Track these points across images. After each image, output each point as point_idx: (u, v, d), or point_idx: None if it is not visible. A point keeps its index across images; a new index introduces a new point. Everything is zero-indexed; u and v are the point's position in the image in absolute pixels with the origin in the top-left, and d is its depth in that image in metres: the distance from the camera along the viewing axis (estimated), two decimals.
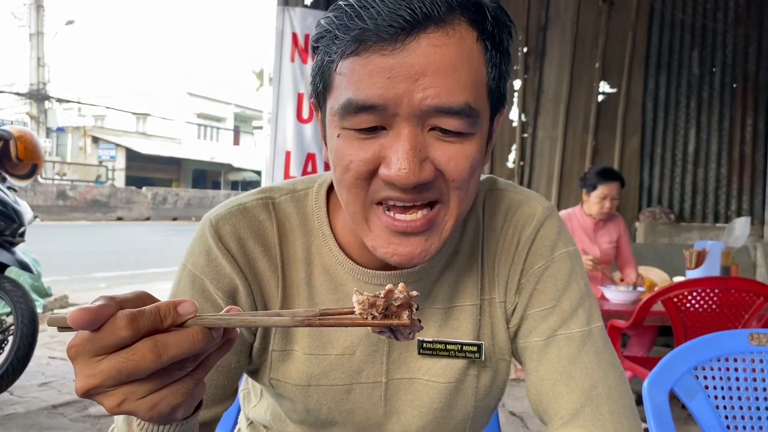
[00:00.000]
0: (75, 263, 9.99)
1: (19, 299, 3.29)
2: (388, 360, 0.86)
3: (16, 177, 3.65)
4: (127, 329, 0.49)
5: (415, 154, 0.67)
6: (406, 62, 0.65)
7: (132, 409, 0.51)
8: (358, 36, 0.66)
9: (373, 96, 0.66)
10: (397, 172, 0.66)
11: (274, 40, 4.34)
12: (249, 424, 1.05)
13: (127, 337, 0.49)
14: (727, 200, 5.83)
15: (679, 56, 5.84)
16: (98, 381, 0.49)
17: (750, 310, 2.81)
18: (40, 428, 3.11)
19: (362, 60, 0.66)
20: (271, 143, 4.37)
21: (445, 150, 0.69)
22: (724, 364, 1.25)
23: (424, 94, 0.65)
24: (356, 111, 0.67)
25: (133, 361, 0.49)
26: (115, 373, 0.49)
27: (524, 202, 0.88)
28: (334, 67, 0.69)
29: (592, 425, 0.80)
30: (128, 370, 0.49)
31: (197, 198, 27.52)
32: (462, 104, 0.67)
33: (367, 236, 0.74)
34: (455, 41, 0.67)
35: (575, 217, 3.80)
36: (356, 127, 0.68)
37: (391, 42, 0.65)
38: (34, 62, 23.27)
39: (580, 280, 0.86)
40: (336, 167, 0.72)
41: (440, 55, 0.66)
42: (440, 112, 0.67)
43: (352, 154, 0.69)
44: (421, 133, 0.68)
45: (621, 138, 5.77)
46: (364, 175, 0.70)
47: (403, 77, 0.65)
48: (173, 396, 0.52)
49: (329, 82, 0.71)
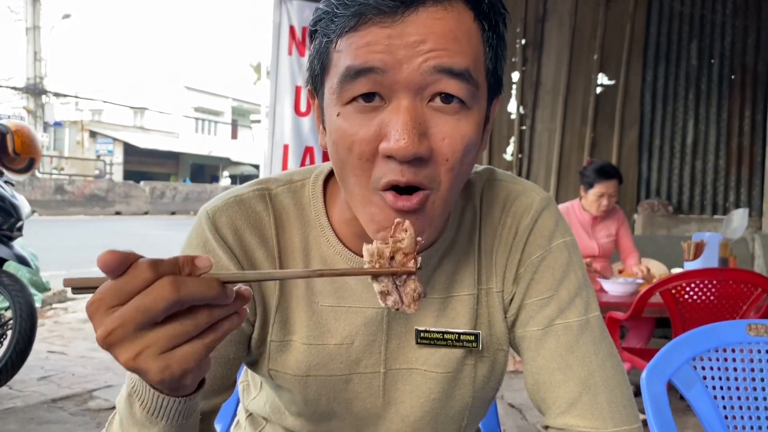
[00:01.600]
0: (73, 258, 9.98)
1: (18, 293, 3.29)
2: (386, 350, 0.86)
3: (13, 171, 3.64)
4: (149, 271, 0.51)
5: (414, 126, 0.67)
6: (406, 32, 0.66)
7: (146, 366, 0.52)
8: (358, 11, 0.66)
9: (372, 59, 0.67)
10: (396, 144, 0.66)
11: (271, 33, 4.33)
12: (248, 416, 1.05)
13: (149, 278, 0.51)
14: (726, 192, 5.84)
15: (677, 48, 5.84)
16: (118, 323, 0.51)
17: (748, 301, 2.82)
18: (40, 422, 3.12)
19: (361, 34, 0.67)
20: (269, 137, 4.36)
21: (442, 125, 0.69)
22: (722, 354, 1.25)
23: (426, 56, 0.66)
24: (355, 75, 0.67)
25: (152, 296, 0.50)
26: (134, 312, 0.51)
27: (522, 193, 0.88)
28: (332, 47, 0.69)
29: (589, 414, 0.80)
30: (147, 305, 0.50)
31: (195, 192, 27.50)
32: (463, 67, 0.68)
33: (371, 220, 0.73)
34: (454, 15, 0.68)
35: (573, 212, 3.79)
36: (355, 93, 0.68)
37: (391, 15, 0.66)
38: (31, 56, 23.16)
39: (577, 270, 0.86)
40: (338, 148, 0.72)
41: (440, 26, 0.67)
42: (442, 72, 0.67)
43: (354, 133, 0.69)
44: (420, 105, 0.68)
45: (619, 130, 5.77)
46: (367, 155, 0.70)
47: (403, 45, 0.66)
48: (186, 358, 0.53)
49: (327, 63, 0.71)
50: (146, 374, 0.53)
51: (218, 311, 0.54)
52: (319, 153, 4.36)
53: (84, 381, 3.80)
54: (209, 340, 0.54)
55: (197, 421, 0.68)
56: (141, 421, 0.63)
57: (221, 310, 0.55)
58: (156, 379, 0.53)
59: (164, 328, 0.52)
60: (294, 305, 0.84)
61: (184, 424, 0.64)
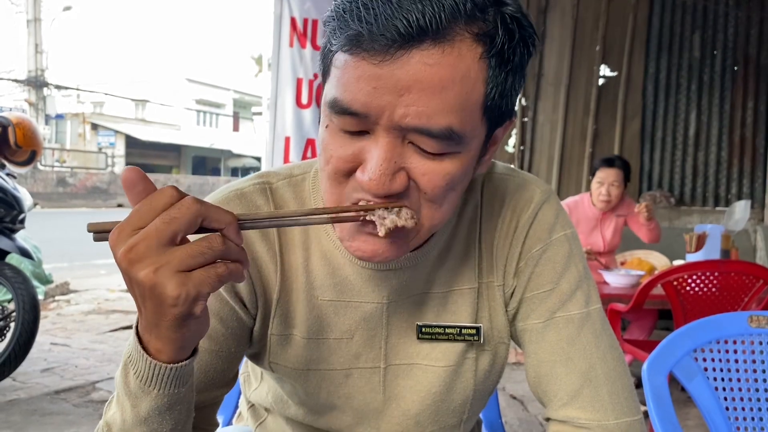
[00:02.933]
0: (75, 250, 10.00)
1: (20, 286, 3.29)
2: (386, 345, 0.86)
3: (15, 164, 3.64)
4: (174, 191, 0.56)
5: (388, 165, 0.65)
6: (394, 75, 0.62)
7: (164, 280, 0.55)
8: (352, 38, 0.63)
9: (356, 103, 0.65)
10: (368, 181, 0.66)
11: (272, 24, 4.32)
12: (250, 407, 1.05)
13: (175, 196, 0.56)
14: (728, 184, 5.83)
15: (680, 39, 5.81)
16: (141, 237, 0.55)
17: (750, 293, 2.81)
18: (43, 413, 3.13)
19: (353, 62, 0.64)
20: (271, 129, 4.35)
21: (422, 164, 0.67)
22: (723, 346, 1.26)
23: (406, 110, 0.63)
24: (340, 113, 0.66)
25: (178, 209, 0.55)
26: (159, 225, 0.55)
27: (522, 186, 0.88)
28: (332, 58, 0.68)
29: (590, 406, 0.80)
30: (173, 217, 0.55)
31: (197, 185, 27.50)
32: (442, 128, 0.64)
33: (337, 227, 0.75)
34: (450, 60, 0.63)
35: (582, 205, 3.78)
36: (341, 127, 0.68)
37: (381, 53, 0.62)
38: (32, 49, 23.12)
39: (578, 262, 0.86)
40: (320, 155, 0.73)
41: (429, 74, 0.62)
42: (418, 132, 0.65)
43: (334, 150, 0.69)
44: (399, 144, 0.66)
45: (621, 121, 5.76)
46: (343, 172, 0.70)
47: (389, 90, 0.63)
48: (201, 280, 0.56)
49: (328, 71, 0.70)
50: (163, 288, 0.55)
51: (231, 244, 0.58)
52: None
53: (87, 373, 3.82)
54: (221, 270, 0.57)
55: (191, 396, 0.68)
56: (134, 391, 0.64)
57: (233, 246, 0.58)
58: (173, 293, 0.55)
59: (183, 247, 0.55)
60: (294, 299, 0.85)
61: (175, 394, 0.64)
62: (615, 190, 3.63)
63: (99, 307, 5.76)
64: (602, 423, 0.80)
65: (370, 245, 0.71)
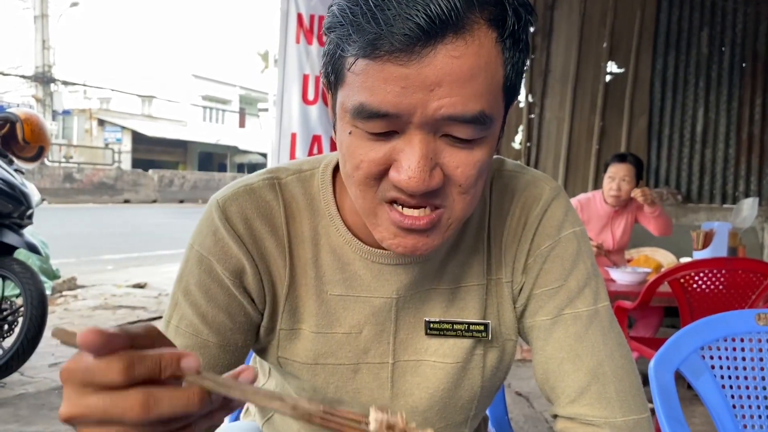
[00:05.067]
0: (83, 245, 10.04)
1: (28, 281, 3.31)
2: (394, 340, 0.86)
3: (23, 159, 3.66)
4: (122, 375, 0.46)
5: (426, 162, 0.66)
6: (422, 73, 0.62)
7: None
8: (372, 41, 0.62)
9: (386, 104, 0.64)
10: (407, 180, 0.66)
11: (278, 20, 4.31)
12: None
13: (119, 382, 0.46)
14: (735, 181, 5.80)
15: (687, 35, 5.78)
16: (81, 412, 0.47)
17: (757, 291, 2.80)
18: (51, 408, 3.15)
19: (377, 65, 0.63)
20: (277, 125, 4.36)
21: (455, 156, 0.68)
22: (730, 344, 1.25)
23: (439, 103, 0.64)
24: (369, 117, 0.65)
25: (121, 408, 0.46)
26: (100, 413, 0.47)
27: (532, 183, 0.88)
28: (346, 64, 0.67)
29: (598, 403, 0.81)
30: (113, 415, 0.46)
31: (203, 180, 27.56)
32: (476, 113, 0.65)
33: (375, 229, 0.75)
34: (473, 49, 0.63)
35: (593, 202, 3.77)
36: (368, 131, 0.67)
37: (406, 52, 0.62)
38: (39, 45, 23.18)
39: (587, 259, 0.86)
40: (346, 162, 0.72)
41: (457, 66, 0.63)
42: (454, 121, 0.65)
43: (363, 154, 0.69)
44: (433, 140, 0.67)
45: (629, 118, 5.74)
46: (375, 175, 0.69)
47: (418, 87, 0.63)
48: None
49: (341, 77, 0.68)
50: None
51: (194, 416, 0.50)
52: (327, 141, 4.35)
53: None
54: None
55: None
56: None
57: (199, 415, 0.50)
58: None
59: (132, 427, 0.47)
60: (303, 294, 0.85)
61: None
62: (625, 185, 3.62)
63: (106, 303, 5.79)
64: (610, 420, 0.80)
65: (411, 240, 0.72)
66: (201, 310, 0.82)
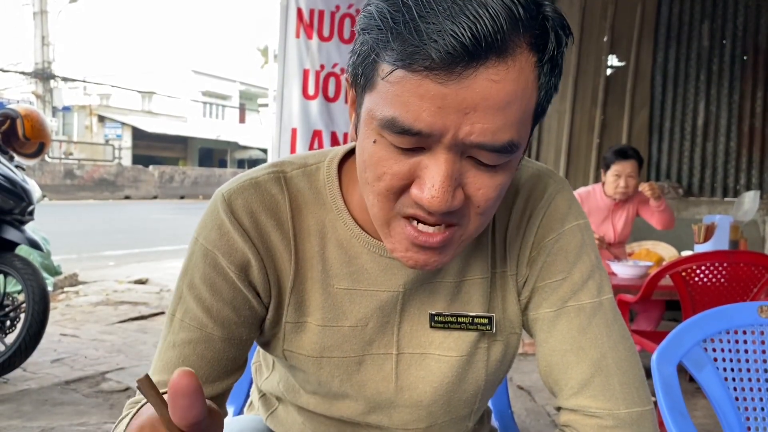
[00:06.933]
0: (84, 242, 10.06)
1: (30, 277, 3.32)
2: (398, 331, 0.86)
3: (23, 156, 3.66)
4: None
5: (450, 183, 0.65)
6: (460, 94, 0.60)
7: None
8: (412, 54, 0.60)
9: (420, 122, 0.62)
10: (429, 198, 0.65)
11: (278, 15, 4.30)
12: (261, 396, 1.06)
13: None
14: (737, 174, 5.80)
15: (688, 28, 5.77)
16: None
17: (759, 284, 2.80)
18: (54, 404, 3.16)
19: (414, 80, 0.61)
20: (277, 121, 4.35)
21: (478, 178, 0.68)
22: (733, 336, 1.25)
23: (471, 129, 0.62)
24: (400, 132, 0.64)
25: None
26: None
27: (536, 176, 0.88)
28: (380, 71, 0.65)
29: (602, 396, 0.81)
30: None
31: (204, 176, 27.57)
32: (505, 143, 0.64)
33: (387, 238, 0.74)
34: (513, 75, 0.62)
35: (594, 196, 3.77)
36: (396, 144, 0.66)
37: (446, 71, 0.59)
38: (39, 41, 23.13)
39: (590, 252, 0.87)
40: (366, 169, 0.71)
41: (495, 91, 0.61)
42: (480, 148, 0.64)
43: (387, 166, 0.68)
44: (458, 160, 0.66)
45: (630, 112, 5.73)
46: (396, 189, 0.69)
47: (454, 109, 0.61)
48: None
49: (372, 82, 0.67)
50: None
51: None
52: (327, 136, 4.34)
53: (96, 363, 3.85)
54: None
55: None
56: None
57: None
58: None
59: None
60: (309, 287, 0.85)
61: None
62: (632, 181, 3.61)
63: (107, 299, 5.80)
64: (613, 412, 0.80)
65: (423, 256, 0.73)
66: (206, 303, 0.82)
